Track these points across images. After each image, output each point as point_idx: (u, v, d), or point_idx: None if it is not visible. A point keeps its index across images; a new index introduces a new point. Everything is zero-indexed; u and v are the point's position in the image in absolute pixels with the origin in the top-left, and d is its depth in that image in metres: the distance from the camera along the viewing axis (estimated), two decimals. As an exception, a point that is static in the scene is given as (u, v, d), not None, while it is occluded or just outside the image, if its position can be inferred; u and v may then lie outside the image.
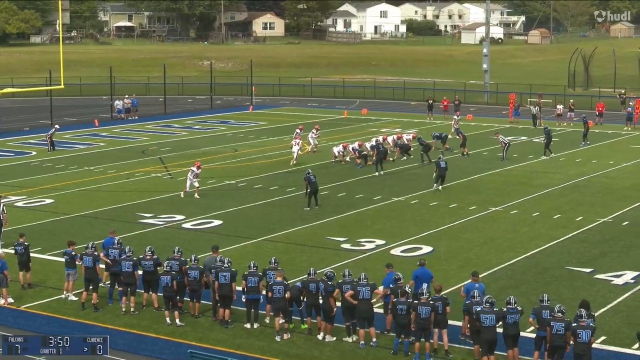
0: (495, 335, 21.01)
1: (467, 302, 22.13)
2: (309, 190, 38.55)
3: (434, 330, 21.90)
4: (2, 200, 32.59)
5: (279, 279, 23.40)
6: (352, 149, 49.75)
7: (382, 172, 46.09)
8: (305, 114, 75.94)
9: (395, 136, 53.52)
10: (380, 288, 23.22)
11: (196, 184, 40.24)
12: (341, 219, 36.95)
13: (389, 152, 50.08)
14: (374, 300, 23.22)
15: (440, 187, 41.80)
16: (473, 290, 22.47)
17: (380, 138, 51.16)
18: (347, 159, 50.35)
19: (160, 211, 38.23)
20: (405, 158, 51.17)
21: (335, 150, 50.24)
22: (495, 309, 21.47)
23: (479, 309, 21.17)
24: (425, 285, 22.73)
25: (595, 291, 26.85)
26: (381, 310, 23.50)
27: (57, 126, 56.50)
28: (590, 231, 35.24)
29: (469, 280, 23.75)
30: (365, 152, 49.32)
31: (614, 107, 73.26)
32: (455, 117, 61.33)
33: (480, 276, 27.85)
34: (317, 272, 23.66)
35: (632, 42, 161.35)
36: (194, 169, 40.30)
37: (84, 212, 38.05)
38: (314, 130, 54.91)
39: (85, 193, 42.50)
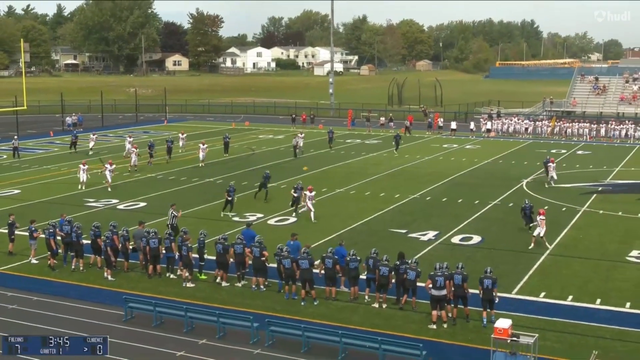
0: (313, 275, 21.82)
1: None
2: (260, 186, 36.72)
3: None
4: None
5: (187, 242, 23.65)
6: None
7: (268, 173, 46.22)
8: (205, 125, 75.42)
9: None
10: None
11: (109, 178, 39.48)
12: (238, 198, 37.03)
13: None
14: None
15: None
16: (288, 246, 22.92)
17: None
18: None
19: (101, 197, 37.81)
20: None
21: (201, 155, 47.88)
22: (336, 257, 22.26)
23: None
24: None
25: (409, 245, 27.34)
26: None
27: (16, 136, 54.99)
28: (405, 204, 36.06)
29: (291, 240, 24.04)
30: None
31: (419, 118, 75.27)
32: (300, 135, 55.86)
33: (329, 238, 28.73)
34: (222, 238, 23.84)
35: (431, 73, 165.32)
36: (107, 165, 39.61)
37: (44, 199, 37.23)
38: (181, 135, 54.73)
39: (44, 185, 41.45)
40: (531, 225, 29.64)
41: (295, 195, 33.16)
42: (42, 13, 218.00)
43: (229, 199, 33.09)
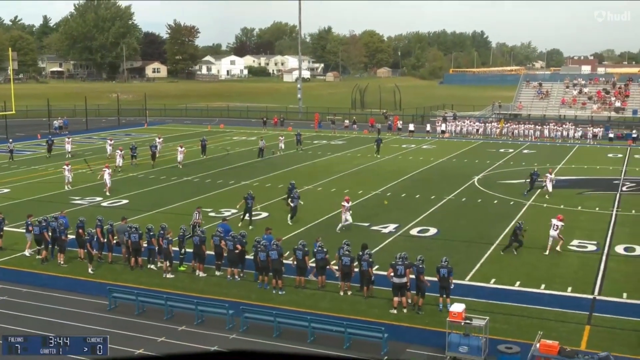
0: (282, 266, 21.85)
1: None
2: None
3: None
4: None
5: (168, 235, 23.56)
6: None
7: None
8: (183, 128, 74.79)
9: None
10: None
11: (108, 182, 38.35)
12: (210, 196, 36.91)
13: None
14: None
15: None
16: (264, 239, 22.94)
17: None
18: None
19: (86, 195, 37.39)
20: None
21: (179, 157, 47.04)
22: (307, 249, 22.29)
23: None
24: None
25: (372, 237, 27.49)
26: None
27: (11, 140, 53.87)
28: (367, 200, 36.18)
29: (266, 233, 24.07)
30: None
31: (380, 120, 75.63)
32: (280, 137, 60.07)
33: (298, 231, 28.71)
34: (201, 231, 23.81)
35: (390, 80, 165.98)
36: (106, 169, 38.62)
37: (31, 197, 36.71)
38: (158, 139, 52.53)
39: (32, 184, 40.87)
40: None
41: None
42: (29, 24, 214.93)
43: (249, 206, 30.08)
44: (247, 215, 30.23)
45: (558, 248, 26.23)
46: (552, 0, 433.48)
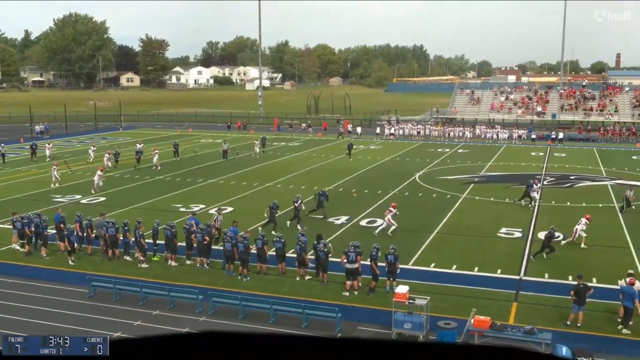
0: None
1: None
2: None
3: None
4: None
5: (141, 230, 23.25)
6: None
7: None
8: (154, 132, 73.68)
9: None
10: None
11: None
12: (180, 193, 36.53)
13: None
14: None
15: None
16: (230, 232, 22.64)
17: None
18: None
19: (66, 193, 36.58)
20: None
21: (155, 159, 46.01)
22: (266, 239, 22.20)
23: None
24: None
25: (326, 228, 27.37)
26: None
27: (2, 144, 52.16)
28: (321, 195, 36.40)
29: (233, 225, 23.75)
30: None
31: (333, 125, 75.78)
32: (256, 142, 59.86)
33: (261, 223, 28.47)
34: (169, 225, 23.47)
35: (341, 88, 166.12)
36: (99, 172, 37.82)
37: (15, 196, 35.71)
38: (138, 144, 49.63)
39: (16, 184, 39.81)
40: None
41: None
42: (11, 37, 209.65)
43: (273, 214, 27.83)
44: (272, 222, 27.58)
45: (583, 244, 25.27)
46: (483, 19, 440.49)
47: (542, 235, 27.32)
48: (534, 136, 64.72)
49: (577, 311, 17.76)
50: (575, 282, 18.38)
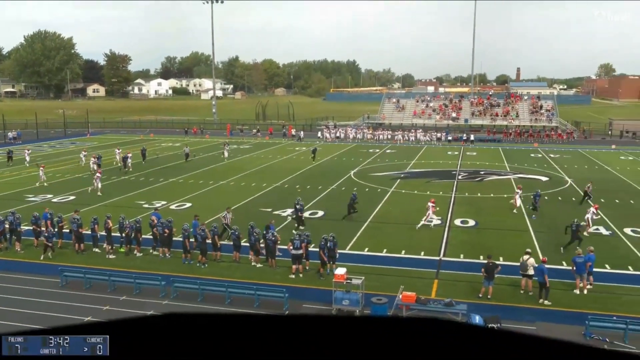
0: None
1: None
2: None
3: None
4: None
5: (109, 225, 22.62)
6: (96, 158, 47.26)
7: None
8: (119, 137, 71.62)
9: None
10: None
11: (99, 185, 35.98)
12: (144, 191, 35.70)
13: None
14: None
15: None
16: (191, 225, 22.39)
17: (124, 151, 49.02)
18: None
19: (38, 193, 35.22)
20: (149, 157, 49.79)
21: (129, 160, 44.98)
22: (217, 231, 21.95)
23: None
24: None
25: (274, 219, 25.53)
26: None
27: None
28: (270, 191, 35.86)
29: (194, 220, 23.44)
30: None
31: (278, 129, 75.48)
32: (226, 146, 59.21)
33: (217, 216, 28.07)
34: (136, 220, 22.94)
35: (285, 97, 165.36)
36: (98, 174, 36.07)
37: (-9, 196, 34.33)
38: (117, 150, 48.84)
39: (-9, 186, 38.21)
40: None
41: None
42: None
43: (297, 212, 26.31)
44: (297, 219, 26.57)
45: (586, 233, 24.49)
46: (407, 38, 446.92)
47: (458, 222, 28.04)
48: (450, 138, 66.08)
49: (487, 286, 18.27)
50: (486, 261, 18.89)
